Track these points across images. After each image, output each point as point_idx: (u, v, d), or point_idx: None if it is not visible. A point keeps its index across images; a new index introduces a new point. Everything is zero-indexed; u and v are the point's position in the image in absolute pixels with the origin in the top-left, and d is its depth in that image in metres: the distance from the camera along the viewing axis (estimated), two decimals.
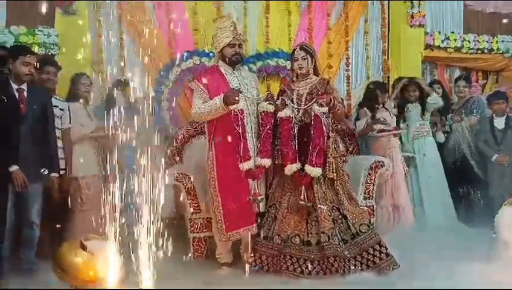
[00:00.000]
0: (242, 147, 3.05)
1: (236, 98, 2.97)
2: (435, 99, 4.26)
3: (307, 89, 3.18)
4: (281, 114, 3.11)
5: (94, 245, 2.43)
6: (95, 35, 4.43)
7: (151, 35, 4.49)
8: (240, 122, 3.05)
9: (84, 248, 2.40)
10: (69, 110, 3.52)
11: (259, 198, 3.13)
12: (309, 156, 3.03)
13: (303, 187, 3.05)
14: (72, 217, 3.50)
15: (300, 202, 3.05)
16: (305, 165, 3.04)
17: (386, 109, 4.17)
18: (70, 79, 3.68)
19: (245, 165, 3.06)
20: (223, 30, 3.18)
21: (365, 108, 4.24)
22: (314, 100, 3.08)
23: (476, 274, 2.64)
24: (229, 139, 3.08)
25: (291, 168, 3.07)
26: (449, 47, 5.32)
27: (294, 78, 3.29)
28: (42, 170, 2.99)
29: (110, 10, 4.47)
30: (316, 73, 3.25)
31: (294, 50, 3.27)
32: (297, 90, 3.20)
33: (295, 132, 3.12)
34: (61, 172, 3.34)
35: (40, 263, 3.02)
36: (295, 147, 3.09)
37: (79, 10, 4.26)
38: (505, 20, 5.53)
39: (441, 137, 4.46)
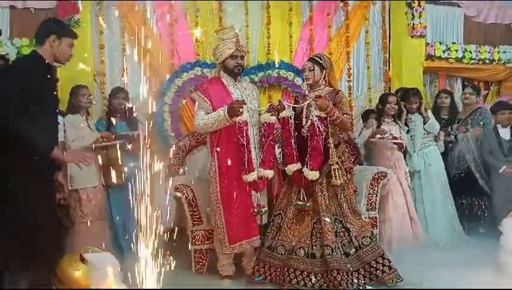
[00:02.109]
0: (246, 158, 3.04)
1: (241, 110, 2.96)
2: (431, 128, 4.24)
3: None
4: (281, 115, 3.15)
5: (94, 258, 2.41)
6: (97, 47, 4.45)
7: (153, 46, 4.51)
8: (244, 134, 3.05)
9: (83, 261, 2.38)
10: (63, 124, 3.45)
11: (263, 210, 3.12)
12: (306, 159, 3.05)
13: (302, 189, 3.07)
14: (72, 230, 3.48)
15: (298, 202, 3.06)
16: (303, 168, 3.06)
17: (397, 124, 4.12)
18: (71, 91, 3.68)
19: (249, 177, 3.06)
20: (225, 41, 3.18)
21: (373, 119, 4.24)
22: (313, 105, 3.09)
23: (481, 286, 2.61)
24: (233, 150, 3.08)
25: (291, 169, 3.12)
26: (450, 57, 5.32)
27: (309, 89, 3.31)
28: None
29: (112, 22, 4.50)
30: (330, 85, 3.25)
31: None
32: (308, 100, 3.21)
33: (297, 134, 3.15)
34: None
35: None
36: (295, 148, 3.12)
37: (81, 22, 4.27)
38: None
39: (441, 147, 4.44)
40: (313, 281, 2.91)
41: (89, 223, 3.42)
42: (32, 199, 2.40)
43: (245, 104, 3.02)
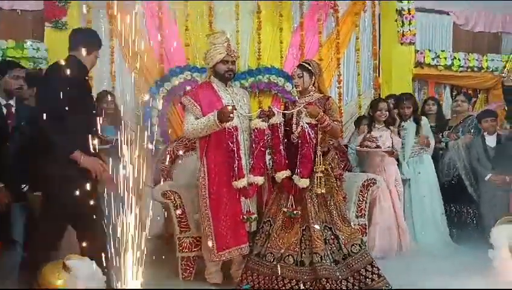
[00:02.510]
0: (236, 164, 3.01)
1: (231, 115, 2.93)
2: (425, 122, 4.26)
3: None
4: (270, 121, 3.13)
5: (76, 265, 2.35)
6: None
7: (141, 50, 4.47)
8: (234, 140, 3.02)
9: (66, 269, 2.31)
10: None
11: (252, 217, 3.09)
12: (297, 167, 3.03)
13: (291, 196, 3.05)
14: None
15: (284, 209, 3.04)
16: (294, 176, 3.04)
17: (388, 129, 4.11)
18: None
19: (239, 183, 3.03)
20: (216, 46, 3.14)
21: (365, 125, 4.24)
22: (303, 111, 3.07)
23: None
24: (222, 156, 3.04)
25: (279, 176, 3.10)
26: (439, 65, 5.35)
27: (299, 95, 3.29)
28: (22, 187, 2.89)
29: (100, 25, 4.44)
30: (320, 91, 3.23)
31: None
32: (298, 106, 3.19)
33: (286, 140, 3.13)
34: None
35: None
36: (284, 155, 3.11)
37: (69, 24, 4.22)
38: None
39: (430, 151, 4.45)
40: (301, 289, 2.87)
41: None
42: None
43: (235, 109, 2.99)
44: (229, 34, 3.27)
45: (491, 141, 4.31)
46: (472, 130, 4.47)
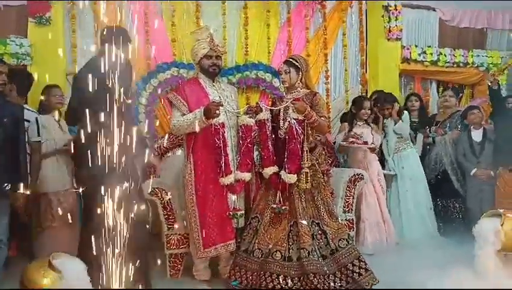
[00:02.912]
0: (223, 161, 3.00)
1: (218, 112, 2.92)
2: (398, 129, 4.27)
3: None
4: (258, 117, 3.13)
5: (63, 264, 2.31)
6: (69, 46, 4.33)
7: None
8: (221, 136, 3.01)
9: (52, 267, 2.28)
10: (37, 122, 3.27)
11: (238, 213, 3.09)
12: (284, 162, 3.03)
13: (279, 192, 3.05)
14: (42, 234, 3.36)
15: (273, 205, 3.04)
16: (281, 171, 3.04)
17: (369, 126, 4.13)
18: (42, 91, 3.56)
19: (226, 180, 3.02)
20: (200, 41, 3.15)
21: (346, 122, 4.26)
22: (291, 107, 3.07)
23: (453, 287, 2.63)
24: (209, 153, 3.03)
25: (267, 172, 3.10)
26: (425, 60, 5.39)
27: (286, 91, 3.28)
28: (5, 185, 2.83)
29: (85, 20, 4.39)
30: (307, 87, 3.23)
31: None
32: (286, 102, 3.18)
33: (274, 136, 3.14)
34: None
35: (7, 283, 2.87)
36: (272, 150, 3.11)
37: (53, 20, 4.15)
38: None
39: (418, 151, 4.48)
40: (289, 285, 2.88)
41: (59, 227, 3.32)
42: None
43: (222, 105, 2.98)
44: (213, 30, 3.28)
45: (476, 135, 4.35)
46: (459, 126, 4.52)
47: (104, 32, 2.85)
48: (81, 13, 4.39)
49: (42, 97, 3.56)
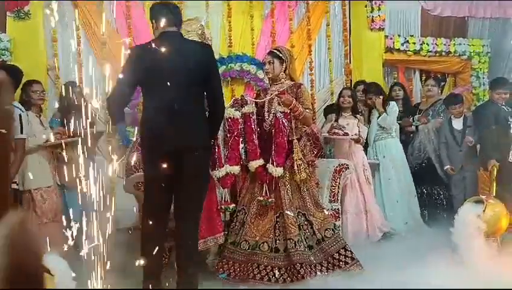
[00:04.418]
0: (217, 154, 2.99)
1: None
2: (382, 121, 4.30)
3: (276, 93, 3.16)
4: (243, 110, 3.12)
5: (52, 263, 2.29)
6: (49, 40, 4.26)
7: (110, 39, 4.36)
8: None
9: (44, 268, 2.25)
10: (20, 118, 3.18)
11: (230, 207, 3.08)
12: (271, 156, 3.04)
13: (265, 185, 3.06)
14: None
15: (259, 198, 3.05)
16: (268, 164, 3.05)
17: (355, 118, 4.12)
18: (22, 86, 3.49)
19: (218, 173, 3.01)
20: (190, 33, 3.07)
21: (333, 113, 4.27)
22: (275, 99, 3.07)
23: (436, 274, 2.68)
24: None
25: (253, 165, 3.10)
26: (408, 50, 5.42)
27: (270, 83, 3.27)
28: None
29: (65, 13, 4.31)
30: (291, 78, 3.22)
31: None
32: (270, 94, 3.18)
33: (259, 128, 3.14)
34: (13, 185, 3.14)
35: None
36: (257, 144, 3.11)
37: (32, 14, 4.07)
38: None
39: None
40: (276, 276, 2.90)
41: (43, 225, 3.27)
42: None
43: None
44: (204, 21, 3.23)
45: (457, 123, 4.38)
46: (442, 114, 4.56)
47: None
48: (59, 6, 4.31)
49: (22, 93, 3.49)
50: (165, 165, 2.37)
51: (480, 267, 2.76)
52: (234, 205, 3.15)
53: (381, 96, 4.34)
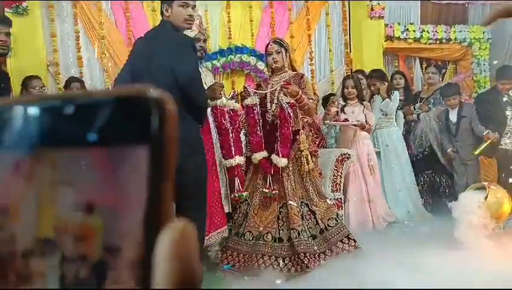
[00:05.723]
0: (232, 143, 3.01)
1: (219, 94, 2.89)
2: (385, 107, 4.28)
3: (280, 84, 3.16)
4: (246, 102, 3.12)
5: None
6: (48, 36, 4.25)
7: (108, 34, 4.35)
8: (227, 118, 3.01)
9: None
10: None
11: (244, 194, 3.09)
12: (276, 146, 3.04)
13: (269, 176, 3.06)
14: None
15: (264, 190, 3.05)
16: (272, 155, 3.04)
17: (362, 104, 4.06)
18: (22, 82, 3.49)
19: (229, 162, 3.02)
20: None
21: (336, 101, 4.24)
22: (281, 90, 3.07)
23: (439, 261, 2.68)
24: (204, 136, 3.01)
25: (257, 157, 3.10)
26: (409, 38, 5.40)
27: (271, 73, 3.26)
28: None
29: (64, 9, 4.29)
30: (292, 68, 3.22)
31: (267, 45, 3.24)
32: (272, 85, 3.17)
33: (261, 120, 3.14)
34: None
35: None
36: (261, 135, 3.11)
37: (30, 9, 4.05)
38: None
39: (400, 128, 4.51)
40: (280, 265, 2.92)
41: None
42: None
43: (223, 87, 2.96)
44: (201, 12, 3.21)
45: (453, 115, 4.34)
46: (443, 102, 4.54)
47: None
48: (58, 2, 4.30)
49: (22, 89, 3.49)
50: None
51: (483, 254, 2.77)
52: (247, 192, 3.15)
53: (385, 83, 4.32)
